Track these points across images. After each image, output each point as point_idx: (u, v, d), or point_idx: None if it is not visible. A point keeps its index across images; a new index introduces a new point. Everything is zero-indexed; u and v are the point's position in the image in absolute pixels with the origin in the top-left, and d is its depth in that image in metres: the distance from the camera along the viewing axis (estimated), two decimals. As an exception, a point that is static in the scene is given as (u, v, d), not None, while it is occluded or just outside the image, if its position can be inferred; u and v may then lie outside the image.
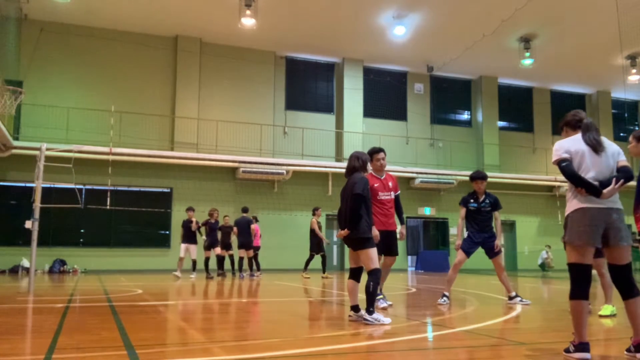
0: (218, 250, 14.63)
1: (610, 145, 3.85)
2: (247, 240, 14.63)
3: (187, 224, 13.98)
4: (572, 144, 3.77)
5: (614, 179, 3.65)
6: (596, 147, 3.72)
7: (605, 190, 3.61)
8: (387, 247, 6.82)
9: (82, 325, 5.21)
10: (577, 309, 3.64)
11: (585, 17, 18.20)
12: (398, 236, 6.90)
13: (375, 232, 5.88)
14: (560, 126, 4.11)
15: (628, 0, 15.57)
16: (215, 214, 14.52)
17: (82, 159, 15.88)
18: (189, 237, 13.94)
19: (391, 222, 6.89)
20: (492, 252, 7.43)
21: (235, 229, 14.79)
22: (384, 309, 6.54)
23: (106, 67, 19.33)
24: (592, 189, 3.61)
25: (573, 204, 3.71)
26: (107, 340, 4.34)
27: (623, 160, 3.82)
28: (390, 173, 7.22)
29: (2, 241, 17.16)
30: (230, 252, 14.94)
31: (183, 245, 13.98)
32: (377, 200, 6.78)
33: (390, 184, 6.95)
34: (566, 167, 3.69)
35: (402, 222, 7.04)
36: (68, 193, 12.73)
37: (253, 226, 14.97)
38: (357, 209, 5.45)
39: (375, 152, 6.98)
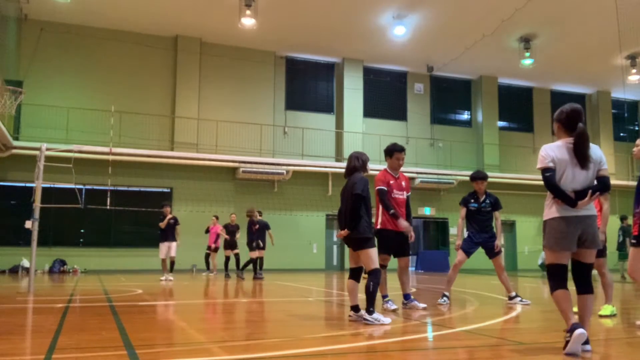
0: (228, 251, 14.88)
1: (594, 152, 3.94)
2: (261, 241, 14.63)
3: (176, 222, 13.33)
4: (557, 152, 3.92)
5: (589, 191, 3.82)
6: (584, 163, 3.87)
7: (580, 202, 3.82)
8: (397, 248, 6.71)
9: (82, 325, 5.21)
10: (560, 297, 3.88)
11: (585, 17, 18.19)
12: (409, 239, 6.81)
13: (404, 223, 6.33)
14: (555, 119, 4.10)
15: (628, 0, 15.57)
16: (255, 212, 14.35)
17: (82, 159, 15.88)
18: (169, 234, 13.14)
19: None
20: (492, 252, 7.42)
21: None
22: (394, 311, 6.42)
23: (106, 67, 19.32)
24: (568, 201, 3.84)
25: (552, 211, 3.94)
26: (107, 340, 4.34)
27: (604, 170, 3.96)
28: (404, 173, 7.08)
29: (2, 241, 17.15)
30: (236, 251, 14.97)
31: (165, 244, 13.09)
32: (391, 198, 6.62)
33: (403, 183, 6.81)
34: (549, 178, 3.87)
35: (409, 224, 6.93)
36: (68, 193, 12.71)
37: (217, 227, 14.96)
38: (357, 209, 5.44)
39: (397, 150, 6.77)
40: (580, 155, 3.87)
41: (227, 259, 15.08)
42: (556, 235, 3.89)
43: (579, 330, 3.66)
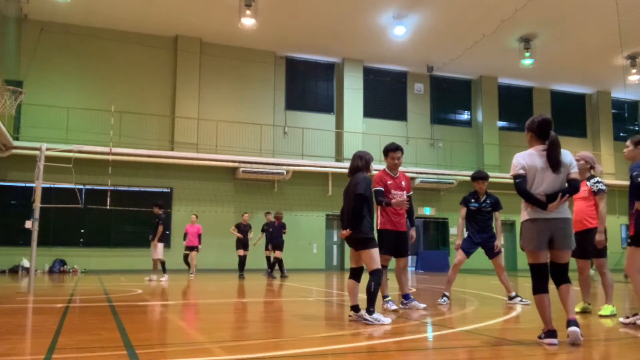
0: (241, 251, 14.83)
1: (565, 157, 4.24)
2: (281, 242, 15.08)
3: (160, 221, 13.29)
4: (527, 160, 4.26)
5: (559, 194, 4.12)
6: (556, 167, 4.17)
7: (550, 205, 4.12)
8: (397, 248, 6.65)
9: (82, 325, 5.21)
10: (540, 302, 4.20)
11: (585, 17, 18.19)
12: (409, 239, 6.80)
13: (400, 199, 6.15)
14: (527, 128, 4.42)
15: (628, 0, 15.57)
16: (280, 216, 15.32)
17: (82, 159, 15.86)
18: (161, 235, 13.26)
19: (402, 222, 6.66)
20: (492, 253, 7.42)
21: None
22: (394, 311, 6.41)
23: (106, 67, 19.33)
24: (539, 204, 4.14)
25: (525, 214, 4.26)
26: (107, 340, 4.34)
27: (574, 173, 4.25)
28: (405, 173, 7.08)
29: (2, 241, 17.16)
30: (246, 252, 14.92)
31: (160, 245, 13.22)
32: (389, 198, 6.54)
33: (403, 183, 6.73)
34: (519, 184, 4.20)
35: (412, 224, 6.89)
36: (68, 193, 12.72)
37: (196, 226, 15.04)
38: (360, 209, 5.42)
39: (392, 149, 6.69)
40: (553, 160, 4.17)
41: (241, 257, 14.89)
42: (528, 236, 4.21)
43: (553, 340, 4.08)
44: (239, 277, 14.30)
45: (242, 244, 14.93)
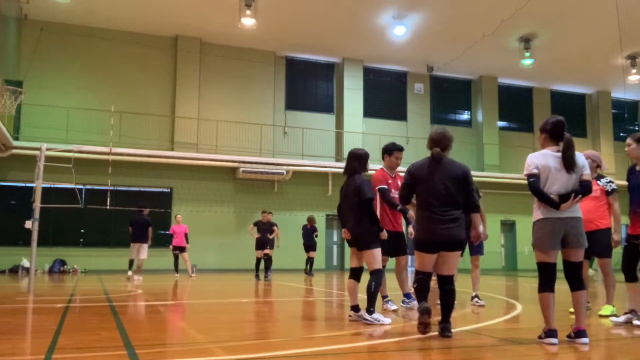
0: (259, 252, 14.23)
1: (578, 159, 4.28)
2: (312, 243, 16.22)
3: (142, 221, 13.52)
4: (541, 160, 4.28)
5: (572, 195, 4.16)
6: (571, 167, 4.22)
7: (563, 205, 4.16)
8: (397, 247, 6.69)
9: (82, 325, 5.21)
10: (545, 300, 4.23)
11: (585, 17, 18.19)
12: (409, 236, 6.84)
13: (384, 234, 5.56)
14: (540, 130, 4.43)
15: (628, 0, 15.57)
16: (312, 218, 16.36)
17: (82, 159, 15.86)
18: (142, 235, 13.45)
19: (400, 222, 6.76)
20: (472, 248, 7.53)
21: (275, 228, 14.67)
22: (394, 311, 6.42)
23: (106, 67, 19.32)
24: (551, 204, 4.19)
25: (538, 213, 4.31)
26: (107, 340, 4.34)
27: (586, 175, 4.29)
28: (399, 173, 7.09)
29: (2, 241, 17.14)
30: (266, 251, 14.52)
31: (135, 245, 13.42)
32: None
33: (399, 183, 6.69)
34: (533, 183, 4.24)
35: (408, 222, 6.94)
36: (68, 193, 12.72)
37: (183, 226, 15.03)
38: (372, 213, 5.43)
39: (396, 149, 6.75)
40: (569, 160, 4.20)
41: (258, 259, 14.29)
42: (541, 235, 4.25)
43: (553, 340, 4.09)
44: (255, 277, 13.76)
45: (261, 243, 14.22)
